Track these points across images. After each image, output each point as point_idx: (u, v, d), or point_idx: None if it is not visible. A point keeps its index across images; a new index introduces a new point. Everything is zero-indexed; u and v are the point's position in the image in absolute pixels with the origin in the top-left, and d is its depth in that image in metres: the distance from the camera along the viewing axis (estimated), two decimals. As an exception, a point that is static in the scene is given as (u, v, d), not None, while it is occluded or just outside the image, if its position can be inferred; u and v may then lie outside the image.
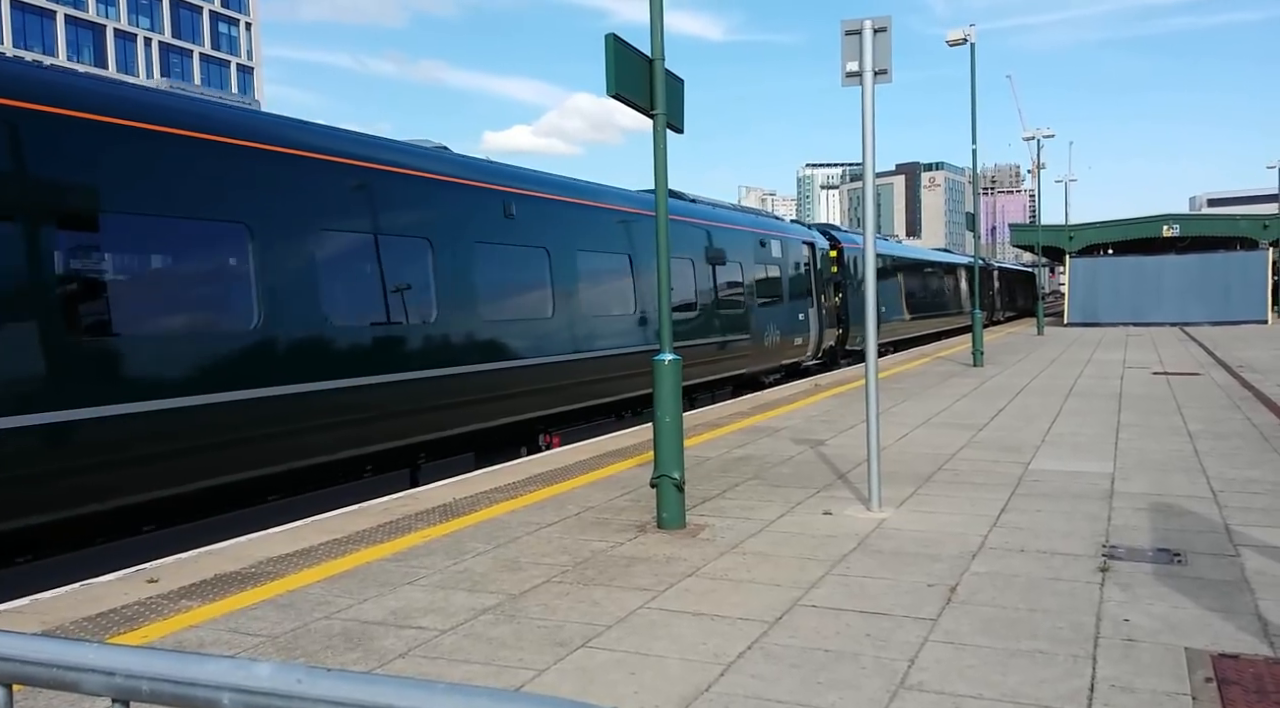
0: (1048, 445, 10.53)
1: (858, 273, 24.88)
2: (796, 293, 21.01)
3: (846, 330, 24.79)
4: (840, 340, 24.68)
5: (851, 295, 25.10)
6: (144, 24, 72.54)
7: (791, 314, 20.62)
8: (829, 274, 23.80)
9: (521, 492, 8.55)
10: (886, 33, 7.47)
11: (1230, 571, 5.80)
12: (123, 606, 5.48)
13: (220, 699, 1.63)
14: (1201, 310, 42.49)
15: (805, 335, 21.46)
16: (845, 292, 24.95)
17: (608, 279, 13.84)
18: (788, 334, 20.32)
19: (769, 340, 19.21)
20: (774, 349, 19.52)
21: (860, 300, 22.56)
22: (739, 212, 19.99)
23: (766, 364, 19.33)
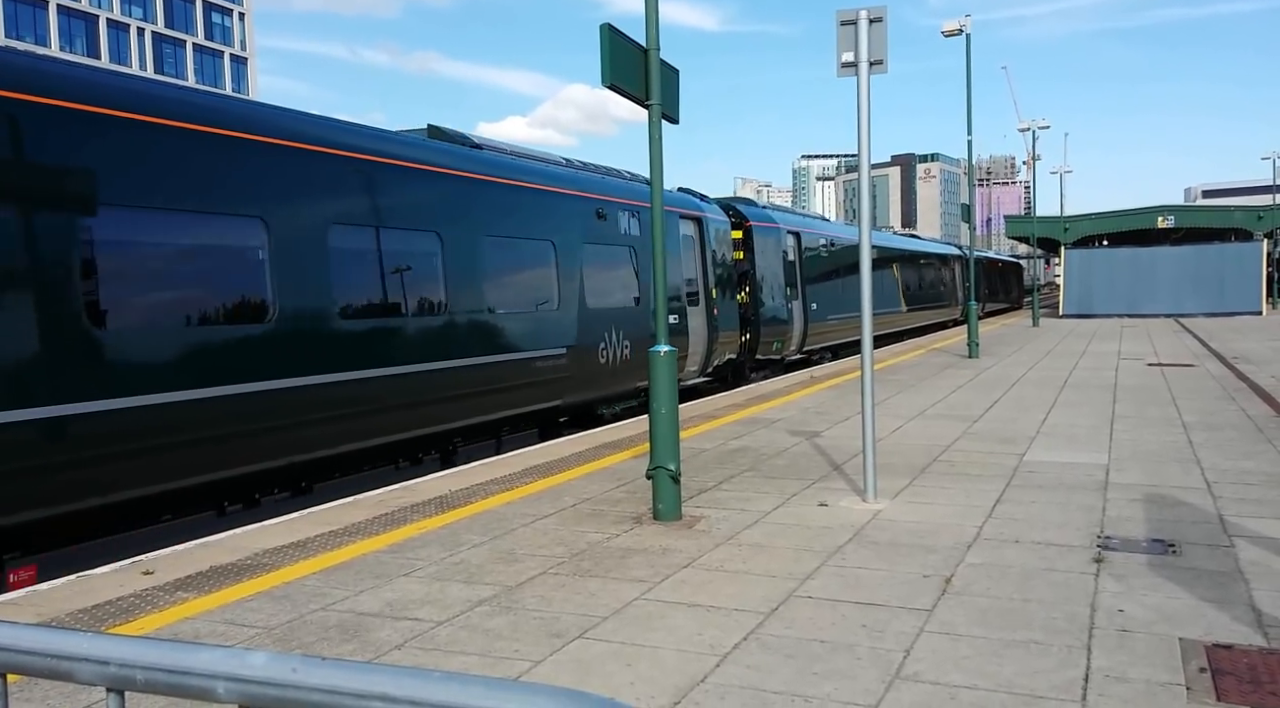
0: (1043, 437, 10.55)
1: (778, 260, 20.72)
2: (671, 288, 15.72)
3: (757, 335, 19.46)
4: (748, 348, 19.26)
5: (767, 289, 20.13)
6: (137, 14, 72.16)
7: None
8: (728, 262, 18.16)
9: (517, 483, 8.55)
10: (882, 23, 7.45)
11: (1224, 561, 5.82)
12: (118, 597, 5.47)
13: (215, 688, 1.63)
14: (1196, 302, 42.58)
15: (680, 347, 15.48)
16: (757, 285, 19.66)
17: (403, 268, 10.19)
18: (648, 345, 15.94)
19: (608, 355, 13.47)
20: (621, 368, 13.83)
21: (776, 296, 20.34)
22: (561, 168, 13.67)
23: (604, 390, 13.59)
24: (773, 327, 20.17)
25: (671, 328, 14.30)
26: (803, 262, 22.35)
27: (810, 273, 22.81)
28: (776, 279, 20.69)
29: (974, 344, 21.64)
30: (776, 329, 20.39)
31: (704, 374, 17.09)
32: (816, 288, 22.91)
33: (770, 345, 20.21)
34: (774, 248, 20.74)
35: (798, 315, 21.78)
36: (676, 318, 15.38)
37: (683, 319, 15.77)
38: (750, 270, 19.52)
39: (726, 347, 17.85)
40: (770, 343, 20.20)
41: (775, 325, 20.35)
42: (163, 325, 7.51)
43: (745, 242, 19.56)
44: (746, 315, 19.27)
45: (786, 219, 22.40)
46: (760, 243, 19.99)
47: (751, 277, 19.56)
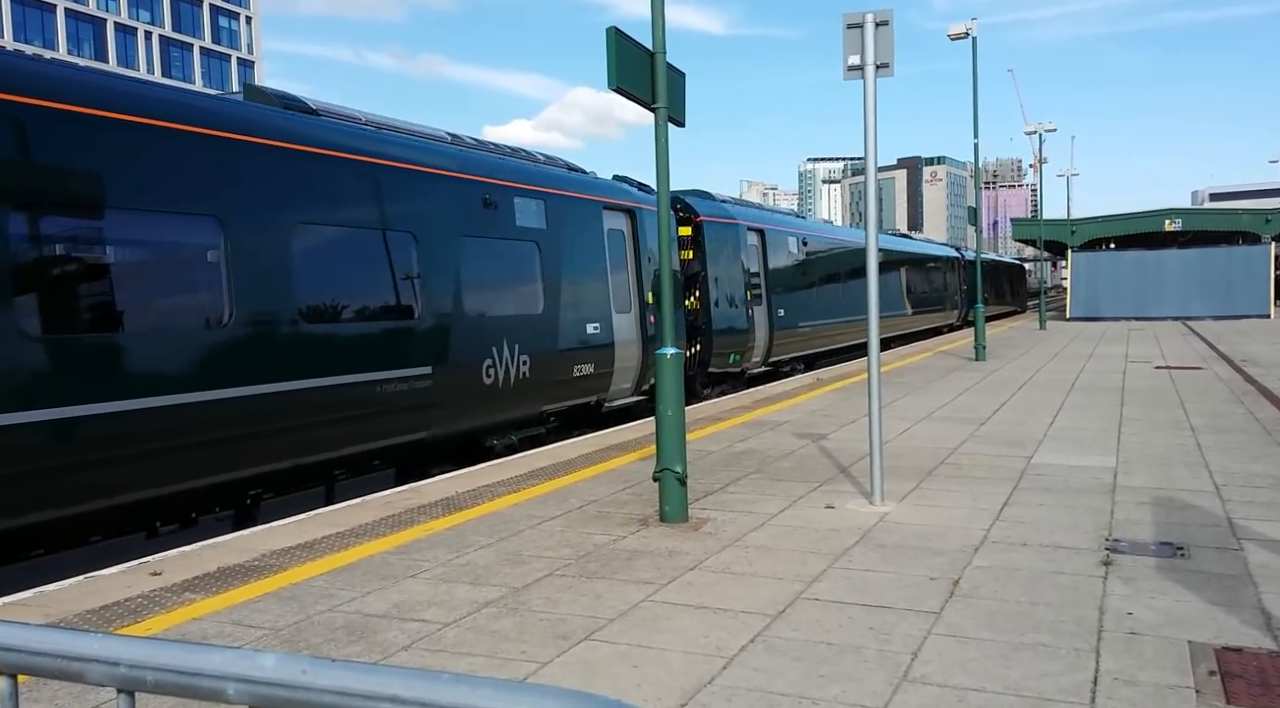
0: (1050, 440, 10.53)
1: (737, 260, 18.25)
2: (583, 292, 12.81)
3: (709, 346, 17.03)
4: (698, 361, 17.05)
5: (722, 293, 17.59)
6: (144, 18, 72.42)
7: (569, 327, 12.37)
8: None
9: (524, 485, 8.55)
10: (888, 26, 7.45)
11: (1233, 564, 5.79)
12: (126, 598, 5.49)
13: (225, 690, 1.63)
14: (1203, 305, 42.46)
15: (602, 361, 13.11)
16: (709, 288, 17.16)
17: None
18: (559, 362, 12.10)
19: (497, 375, 10.82)
20: (518, 390, 11.20)
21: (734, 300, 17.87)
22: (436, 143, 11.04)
23: (492, 417, 10.94)
24: (728, 336, 17.72)
25: (588, 340, 12.71)
26: (768, 262, 19.84)
27: (778, 275, 20.30)
28: (734, 282, 18.16)
29: (981, 347, 21.60)
30: (733, 339, 17.89)
31: (638, 393, 14.17)
32: (786, 292, 20.61)
33: (725, 357, 17.67)
34: (731, 246, 18.23)
35: (761, 323, 19.16)
36: (596, 327, 12.90)
37: (606, 329, 13.15)
38: (701, 272, 17.08)
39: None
40: (725, 354, 17.66)
41: (731, 335, 17.82)
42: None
43: (695, 239, 17.12)
44: (697, 323, 16.91)
45: (748, 214, 19.80)
46: (714, 240, 17.51)
47: (703, 279, 17.10)
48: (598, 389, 13.20)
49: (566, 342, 12.33)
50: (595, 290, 13.12)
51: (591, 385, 12.98)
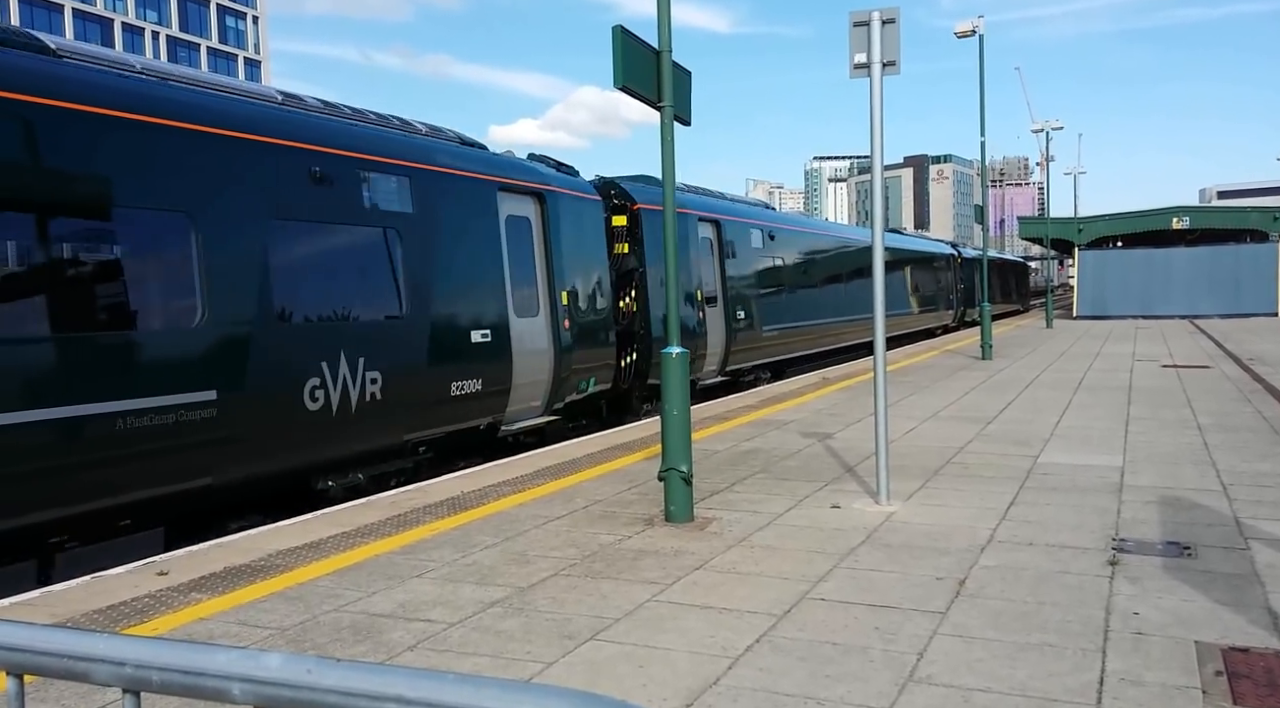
0: (1057, 439, 10.50)
1: (686, 255, 15.88)
2: (468, 291, 10.60)
3: (648, 355, 14.52)
4: (636, 372, 14.68)
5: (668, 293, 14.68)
6: (151, 18, 72.64)
7: (443, 335, 10.09)
8: (597, 257, 13.64)
9: (529, 485, 8.56)
10: (895, 24, 7.44)
11: (1240, 564, 5.78)
12: (133, 598, 5.50)
13: (230, 690, 1.63)
14: (1211, 303, 42.33)
15: (496, 376, 10.83)
16: (648, 288, 14.73)
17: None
18: (427, 379, 9.85)
19: (328, 398, 8.53)
20: (364, 416, 8.93)
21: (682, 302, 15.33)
22: (244, 98, 8.72)
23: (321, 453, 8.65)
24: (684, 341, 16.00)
25: (474, 350, 10.34)
26: (725, 257, 17.55)
27: (738, 272, 18.06)
28: (684, 281, 15.88)
29: (987, 346, 21.56)
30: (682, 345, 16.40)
31: (549, 412, 12.03)
32: (748, 291, 18.39)
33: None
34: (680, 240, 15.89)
35: (715, 327, 16.89)
36: (486, 334, 10.64)
37: (501, 336, 10.93)
38: (639, 268, 14.68)
39: (589, 372, 12.90)
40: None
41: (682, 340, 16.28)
42: None
43: (632, 230, 14.75)
44: (633, 328, 14.60)
45: (701, 203, 17.37)
46: (656, 233, 14.98)
47: (641, 276, 14.68)
48: (490, 410, 10.84)
49: (440, 353, 9.95)
50: (486, 290, 10.82)
51: (480, 406, 10.63)
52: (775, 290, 19.84)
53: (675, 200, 15.13)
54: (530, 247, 11.96)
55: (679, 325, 7.42)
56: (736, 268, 18.05)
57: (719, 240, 17.54)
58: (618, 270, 14.57)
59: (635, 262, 14.80)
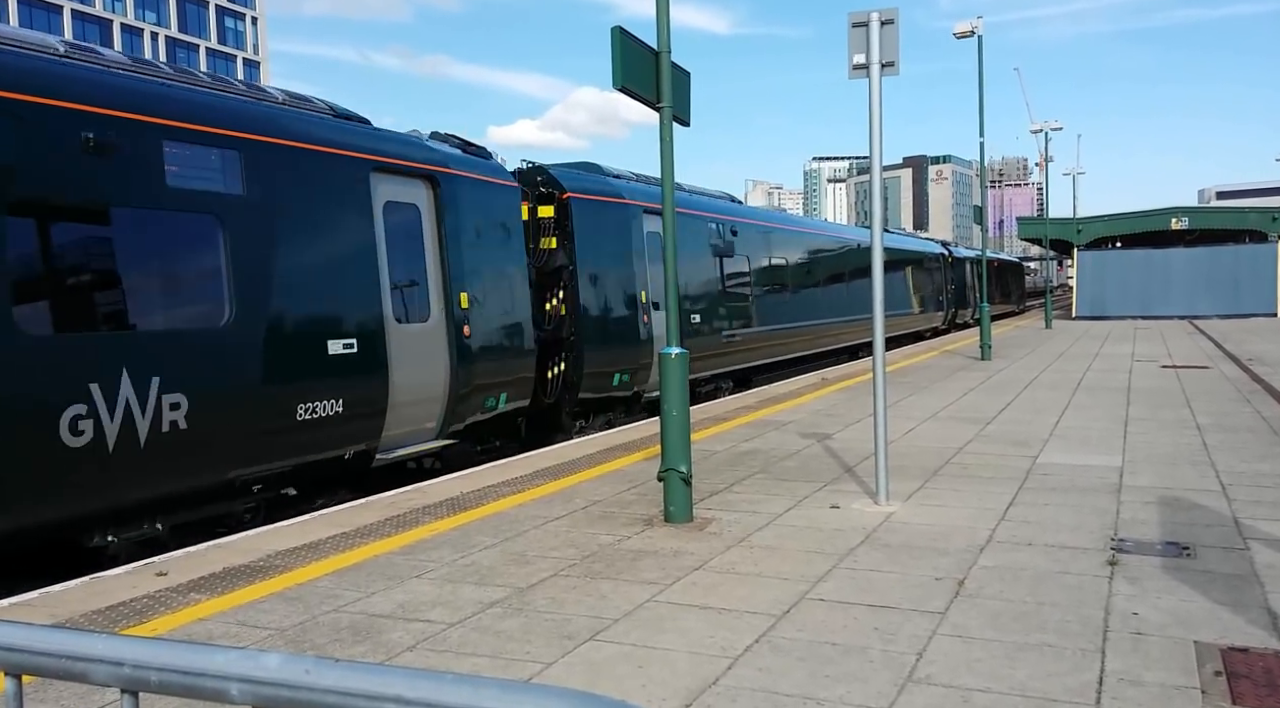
0: (1056, 439, 10.50)
1: (628, 252, 14.16)
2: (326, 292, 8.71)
3: (580, 365, 12.97)
4: (566, 383, 13.05)
5: (603, 296, 13.56)
6: (150, 18, 72.66)
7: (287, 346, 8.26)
8: (514, 251, 11.69)
9: (529, 486, 8.55)
10: (893, 25, 7.44)
11: (1239, 564, 5.78)
12: (131, 599, 5.50)
13: (229, 690, 1.63)
14: (1210, 303, 42.33)
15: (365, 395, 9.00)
16: (583, 289, 13.10)
17: None
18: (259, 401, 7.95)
19: (103, 432, 6.64)
20: (164, 451, 7.08)
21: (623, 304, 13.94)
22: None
23: (89, 503, 6.72)
24: (611, 351, 13.59)
25: (333, 363, 8.47)
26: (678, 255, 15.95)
27: (694, 272, 16.19)
28: (624, 280, 13.99)
29: (986, 346, 21.56)
30: (618, 354, 13.77)
31: (445, 436, 10.15)
32: (705, 292, 16.67)
33: (605, 378, 13.50)
34: (619, 233, 14.10)
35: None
36: (351, 344, 8.72)
37: (373, 346, 9.00)
38: (569, 266, 12.95)
39: (499, 387, 10.95)
40: (605, 374, 13.46)
41: (615, 349, 13.73)
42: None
43: (561, 222, 13.03)
44: (561, 334, 12.93)
45: (648, 193, 15.21)
46: (590, 224, 13.30)
47: (573, 275, 12.96)
48: (358, 436, 8.90)
49: (279, 368, 8.04)
50: (351, 291, 8.85)
51: (342, 432, 8.67)
52: (738, 292, 18.02)
53: (612, 189, 13.35)
54: (419, 239, 9.97)
55: (678, 325, 7.38)
56: (691, 266, 16.05)
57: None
58: (543, 268, 12.88)
59: (565, 258, 12.94)
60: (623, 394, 14.11)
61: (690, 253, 15.85)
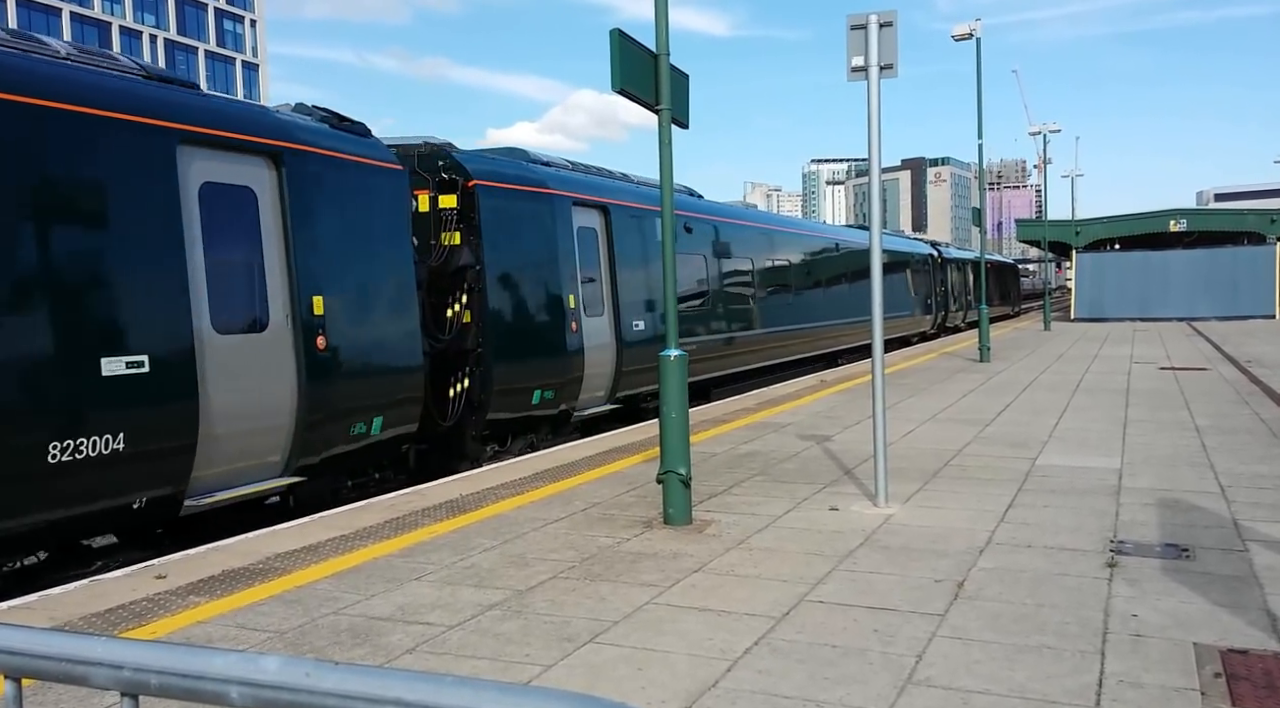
0: (1055, 441, 10.51)
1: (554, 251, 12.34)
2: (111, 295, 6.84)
3: (488, 381, 11.09)
4: (471, 403, 11.12)
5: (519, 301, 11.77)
6: (149, 21, 72.68)
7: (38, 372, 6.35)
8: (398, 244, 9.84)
9: (528, 488, 8.55)
10: (892, 27, 7.45)
11: (1239, 566, 5.78)
12: (131, 602, 5.50)
13: (228, 693, 1.63)
14: (1209, 305, 42.35)
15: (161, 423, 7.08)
16: (493, 293, 11.23)
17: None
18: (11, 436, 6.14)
19: None
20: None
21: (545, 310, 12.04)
22: None
23: None
24: (530, 364, 11.70)
25: (111, 385, 6.66)
26: (617, 254, 13.71)
27: (638, 273, 14.23)
28: (547, 282, 12.15)
29: (985, 348, 21.57)
30: (540, 368, 11.87)
31: (295, 472, 8.26)
32: (652, 297, 14.43)
33: (524, 395, 11.60)
34: (542, 229, 12.21)
35: (599, 342, 13.07)
36: (139, 362, 6.91)
37: (172, 366, 7.16)
38: (476, 265, 11.06)
39: (372, 410, 9.07)
40: (522, 391, 11.57)
41: (536, 362, 11.81)
42: None
43: (466, 215, 11.12)
44: (464, 347, 11.03)
45: (579, 183, 13.46)
46: (502, 219, 11.49)
47: (480, 276, 11.06)
48: (155, 479, 7.12)
49: (22, 395, 6.26)
50: (144, 293, 7.03)
51: (127, 476, 6.86)
52: (694, 295, 16.09)
53: (534, 177, 11.75)
54: (254, 230, 8.13)
55: (676, 327, 7.35)
56: (635, 267, 14.15)
57: (607, 232, 13.65)
58: (443, 268, 11.00)
59: (470, 256, 11.03)
60: (547, 413, 12.10)
61: (635, 253, 14.27)
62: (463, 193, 11.12)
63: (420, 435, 10.40)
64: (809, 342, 21.80)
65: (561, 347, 12.26)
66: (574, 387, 12.51)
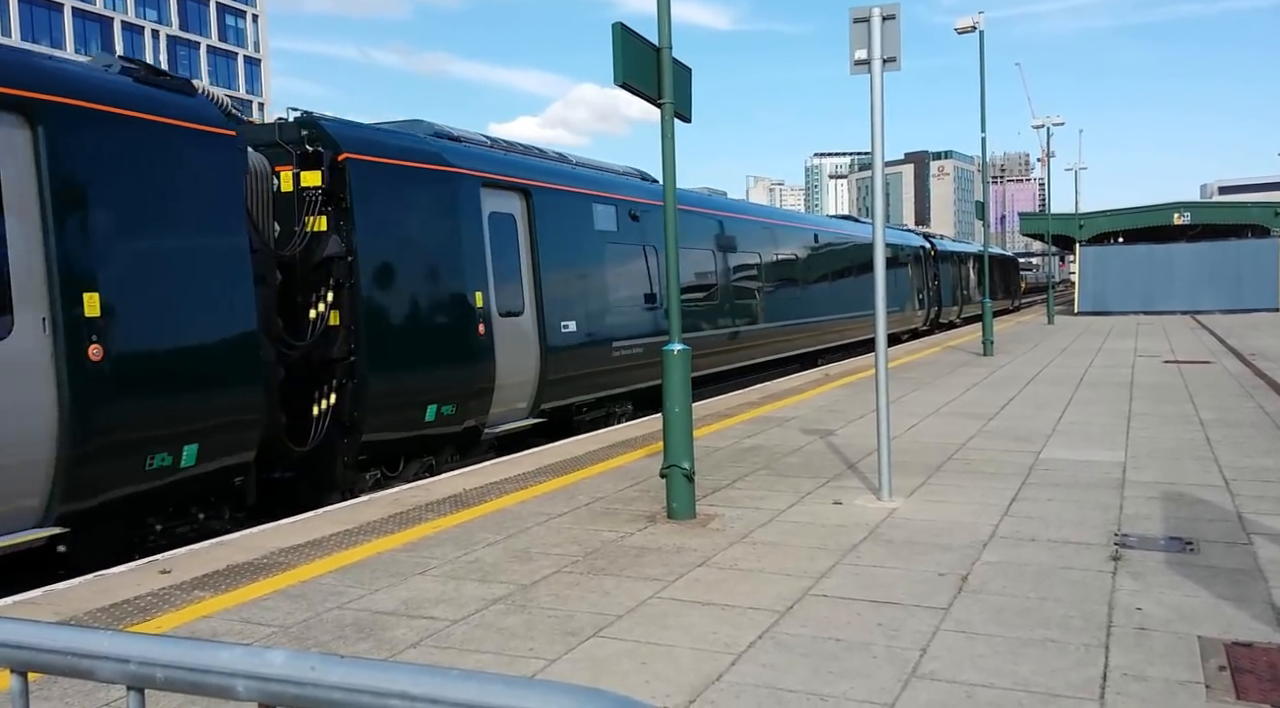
0: (1059, 435, 10.50)
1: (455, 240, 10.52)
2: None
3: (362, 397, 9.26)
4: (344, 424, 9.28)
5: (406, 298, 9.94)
6: (151, 16, 72.62)
7: None
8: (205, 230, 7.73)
9: (532, 482, 8.56)
10: (895, 20, 7.43)
11: (1243, 559, 5.77)
12: (135, 596, 5.51)
13: (234, 687, 1.63)
14: (1213, 298, 42.26)
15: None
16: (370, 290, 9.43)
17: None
18: None
19: None
20: None
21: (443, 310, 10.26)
22: None
23: None
24: (421, 374, 9.90)
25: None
26: (540, 245, 11.86)
27: (570, 267, 12.51)
28: (447, 277, 10.36)
29: (989, 342, 21.55)
30: (436, 378, 10.05)
31: (58, 520, 6.56)
32: (588, 294, 12.89)
33: (414, 411, 9.77)
34: (438, 214, 10.34)
35: (518, 347, 11.30)
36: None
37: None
38: (348, 257, 9.21)
39: (184, 438, 7.41)
40: (412, 406, 9.76)
41: (431, 371, 10.02)
42: None
43: (335, 194, 9.21)
44: (333, 355, 9.15)
45: (491, 161, 11.55)
46: (383, 200, 9.65)
47: (353, 270, 9.21)
48: None
49: None
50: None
51: None
52: (639, 293, 14.35)
53: (427, 150, 10.00)
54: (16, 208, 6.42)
55: (679, 320, 7.33)
56: (566, 260, 12.46)
57: (529, 219, 11.84)
58: (303, 259, 9.13)
59: (339, 245, 9.17)
60: (448, 431, 10.31)
61: (566, 243, 12.49)
62: (331, 168, 9.22)
63: (270, 463, 8.73)
64: (778, 342, 19.72)
65: (464, 353, 10.44)
66: (483, 399, 10.68)
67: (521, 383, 11.46)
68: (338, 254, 9.22)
